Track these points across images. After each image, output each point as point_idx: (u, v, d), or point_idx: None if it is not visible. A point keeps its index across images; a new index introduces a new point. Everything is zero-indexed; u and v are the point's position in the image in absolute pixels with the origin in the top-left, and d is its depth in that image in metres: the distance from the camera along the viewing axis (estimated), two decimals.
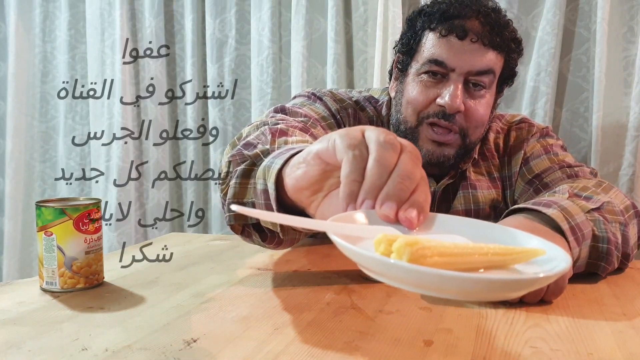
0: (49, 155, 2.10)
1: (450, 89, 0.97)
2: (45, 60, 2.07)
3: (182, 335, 0.60)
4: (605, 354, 0.55)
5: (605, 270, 0.80)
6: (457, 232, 0.48)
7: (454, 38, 0.97)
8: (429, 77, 1.00)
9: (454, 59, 0.97)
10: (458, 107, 0.97)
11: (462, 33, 0.96)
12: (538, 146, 1.08)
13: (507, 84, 1.07)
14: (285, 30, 1.79)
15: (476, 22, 0.97)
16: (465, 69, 0.97)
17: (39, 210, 0.75)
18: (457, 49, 0.97)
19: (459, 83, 0.97)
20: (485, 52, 0.97)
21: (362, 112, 1.09)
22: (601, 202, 0.84)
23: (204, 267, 0.89)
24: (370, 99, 1.12)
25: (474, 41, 0.97)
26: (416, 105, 1.00)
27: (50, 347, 0.57)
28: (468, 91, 0.99)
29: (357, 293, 0.74)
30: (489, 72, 0.98)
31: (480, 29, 0.97)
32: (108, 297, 0.73)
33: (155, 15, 1.89)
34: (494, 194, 1.09)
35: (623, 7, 1.46)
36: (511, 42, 1.01)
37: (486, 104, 1.01)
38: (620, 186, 1.44)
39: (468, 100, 0.99)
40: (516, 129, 1.12)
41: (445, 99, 0.97)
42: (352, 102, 1.09)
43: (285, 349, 0.56)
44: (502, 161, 1.11)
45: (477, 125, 1.01)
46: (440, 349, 0.56)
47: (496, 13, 1.00)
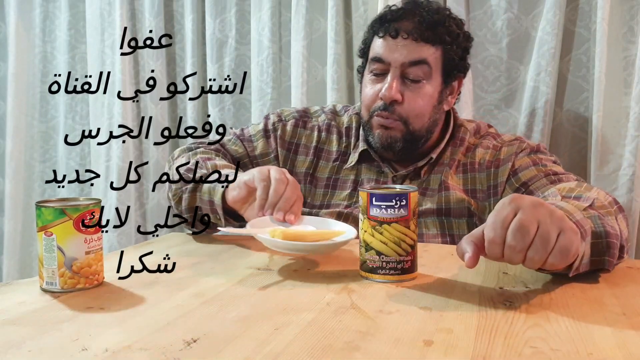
0: (49, 155, 2.10)
1: (387, 82, 1.13)
2: (45, 60, 2.07)
3: (182, 335, 0.60)
4: (605, 354, 0.55)
5: (610, 263, 0.80)
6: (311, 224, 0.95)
7: (389, 37, 1.13)
8: (373, 75, 1.16)
9: (389, 54, 1.13)
10: (393, 96, 1.12)
11: (395, 32, 1.12)
12: (527, 160, 1.16)
13: (454, 76, 1.18)
14: (285, 30, 1.79)
15: (409, 22, 1.12)
16: (399, 61, 1.12)
17: (39, 210, 0.75)
18: (391, 45, 1.13)
19: (395, 76, 1.12)
20: (418, 45, 1.12)
21: (339, 118, 1.28)
22: (591, 199, 0.87)
23: (204, 267, 0.89)
24: (346, 107, 1.32)
25: (405, 37, 1.12)
26: (366, 101, 1.17)
27: (50, 347, 0.57)
28: (406, 84, 1.13)
29: (357, 293, 0.74)
30: (421, 63, 1.12)
31: (412, 26, 1.12)
32: (108, 297, 0.73)
33: (155, 15, 1.89)
34: (465, 197, 1.16)
35: (623, 7, 1.46)
36: (446, 36, 1.13)
37: (425, 95, 1.14)
38: (620, 186, 1.44)
39: (406, 91, 1.13)
40: (508, 145, 1.20)
41: (382, 91, 1.13)
42: (326, 114, 1.28)
43: (285, 349, 0.56)
44: (488, 172, 1.18)
45: (417, 114, 1.14)
46: (440, 349, 0.56)
47: (430, 13, 1.13)
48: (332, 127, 1.27)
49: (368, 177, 1.21)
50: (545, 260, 0.67)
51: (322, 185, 1.24)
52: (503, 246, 0.67)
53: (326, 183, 1.23)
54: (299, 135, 1.27)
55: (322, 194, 1.23)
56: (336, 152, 1.25)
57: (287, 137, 1.26)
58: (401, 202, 0.78)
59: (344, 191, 1.21)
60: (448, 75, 1.16)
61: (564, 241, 0.67)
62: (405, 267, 0.79)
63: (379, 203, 0.78)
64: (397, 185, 1.01)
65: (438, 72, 1.14)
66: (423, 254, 0.92)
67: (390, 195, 0.78)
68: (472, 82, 1.59)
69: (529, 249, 0.66)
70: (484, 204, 1.16)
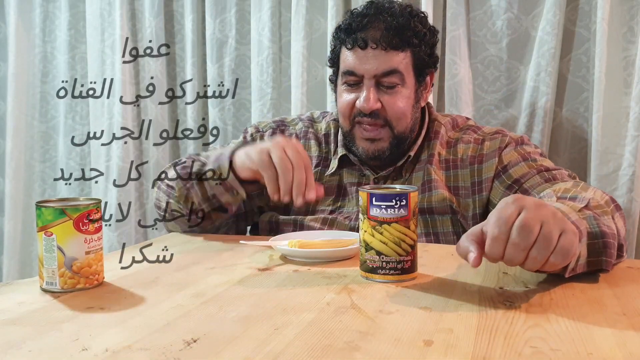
0: (49, 155, 2.10)
1: (363, 93, 1.13)
2: (45, 60, 2.07)
3: (182, 335, 0.60)
4: (605, 354, 0.55)
5: (608, 264, 0.80)
6: (325, 236, 1.01)
7: (357, 49, 1.12)
8: (347, 86, 1.16)
9: (360, 67, 1.12)
10: (371, 107, 1.12)
11: (363, 43, 1.11)
12: (516, 154, 1.15)
13: (426, 73, 1.18)
14: (285, 30, 1.79)
15: (376, 30, 1.11)
16: (371, 73, 1.12)
17: (39, 210, 0.75)
18: (362, 57, 1.12)
19: (370, 86, 1.12)
20: (387, 54, 1.11)
21: (317, 124, 1.28)
22: (587, 199, 0.87)
23: (204, 267, 0.89)
24: (324, 114, 1.32)
25: (374, 48, 1.11)
26: (344, 111, 1.17)
27: (50, 347, 0.57)
28: (382, 90, 1.13)
29: (357, 293, 0.74)
30: (394, 72, 1.12)
31: (379, 35, 1.11)
32: (108, 297, 0.73)
33: (155, 15, 1.89)
34: (447, 195, 1.15)
35: (623, 7, 1.46)
36: (413, 38, 1.13)
37: (403, 97, 1.14)
38: (621, 186, 1.44)
39: (384, 96, 1.13)
40: (490, 139, 1.19)
41: (360, 103, 1.13)
42: (304, 121, 1.29)
43: (285, 349, 0.56)
44: (472, 169, 1.17)
45: (399, 117, 1.14)
46: (440, 349, 0.56)
47: (394, 17, 1.12)
48: (310, 133, 1.27)
49: (350, 182, 1.21)
50: (546, 260, 0.67)
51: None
52: (505, 244, 0.67)
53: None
54: None
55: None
56: (316, 157, 1.24)
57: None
58: (401, 202, 0.78)
59: (328, 197, 1.21)
60: (420, 74, 1.17)
61: (564, 241, 0.67)
62: (405, 267, 0.79)
63: (379, 203, 0.78)
64: (397, 185, 1.01)
65: (411, 74, 1.15)
66: (423, 254, 0.92)
67: (390, 195, 0.78)
68: (472, 82, 1.59)
69: (532, 247, 0.66)
70: (467, 201, 1.16)
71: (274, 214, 1.22)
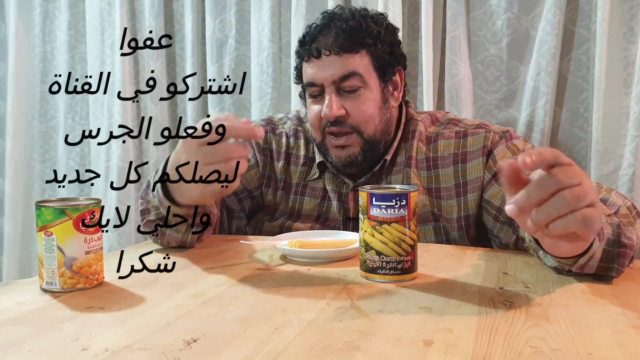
0: (49, 155, 2.10)
1: (325, 102, 1.12)
2: (45, 60, 2.07)
3: (182, 335, 0.60)
4: (605, 354, 0.55)
5: (619, 272, 0.79)
6: (324, 236, 1.02)
7: (313, 59, 1.13)
8: (312, 98, 1.16)
9: (318, 75, 1.12)
10: (335, 114, 1.11)
11: (317, 52, 1.11)
12: (509, 153, 1.10)
13: (391, 71, 1.16)
14: (285, 30, 1.79)
15: (327, 37, 1.11)
16: (329, 80, 1.11)
17: (39, 210, 0.75)
18: (318, 66, 1.12)
19: (331, 93, 1.11)
20: (341, 59, 1.10)
21: (305, 124, 1.27)
22: (616, 205, 0.84)
23: (204, 267, 0.89)
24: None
25: (327, 55, 1.11)
26: (313, 123, 1.17)
27: (50, 347, 0.57)
28: (345, 96, 1.12)
29: (357, 293, 0.74)
30: (353, 75, 1.11)
31: (331, 41, 1.11)
32: (108, 297, 0.73)
33: (155, 15, 1.89)
34: (427, 202, 1.13)
35: (623, 7, 1.46)
36: (367, 38, 1.11)
37: (368, 100, 1.12)
38: (621, 186, 1.44)
39: (347, 102, 1.12)
40: (473, 133, 1.15)
41: (324, 112, 1.12)
42: (292, 121, 1.28)
43: (285, 349, 0.56)
44: (455, 168, 1.14)
45: (366, 120, 1.12)
46: (440, 349, 0.56)
47: (345, 21, 1.12)
48: (300, 132, 1.26)
49: (332, 188, 1.20)
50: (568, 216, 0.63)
51: (293, 191, 1.23)
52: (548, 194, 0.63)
53: (295, 189, 1.23)
54: (269, 140, 1.26)
55: (292, 200, 1.22)
56: (304, 157, 1.24)
57: (261, 142, 1.26)
58: (401, 202, 0.78)
59: (314, 199, 1.20)
60: (384, 74, 1.14)
61: (592, 212, 0.64)
62: (405, 267, 0.79)
63: (379, 203, 0.78)
64: (397, 185, 1.01)
65: (372, 75, 1.13)
66: (423, 254, 0.92)
67: (390, 195, 0.78)
68: (472, 82, 1.59)
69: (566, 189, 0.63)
70: (450, 203, 1.13)
71: (261, 218, 1.23)
